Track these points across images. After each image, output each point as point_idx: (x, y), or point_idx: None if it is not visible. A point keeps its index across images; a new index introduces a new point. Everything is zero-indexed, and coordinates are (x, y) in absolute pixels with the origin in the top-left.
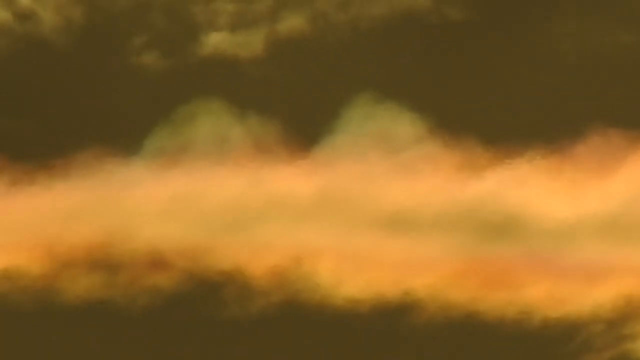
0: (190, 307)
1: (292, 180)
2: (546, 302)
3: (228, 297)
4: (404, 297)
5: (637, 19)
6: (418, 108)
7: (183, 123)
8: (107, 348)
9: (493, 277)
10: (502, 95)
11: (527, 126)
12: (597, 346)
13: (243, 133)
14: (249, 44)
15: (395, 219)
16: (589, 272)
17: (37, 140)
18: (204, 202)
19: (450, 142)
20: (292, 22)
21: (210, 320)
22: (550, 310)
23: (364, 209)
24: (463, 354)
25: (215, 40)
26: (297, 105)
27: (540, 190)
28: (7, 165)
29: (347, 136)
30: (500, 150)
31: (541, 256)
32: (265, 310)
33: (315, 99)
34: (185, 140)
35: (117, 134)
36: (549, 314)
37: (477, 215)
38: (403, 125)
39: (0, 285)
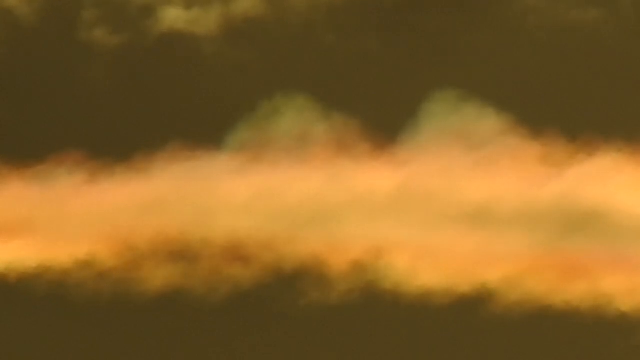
0: (268, 299)
1: (372, 176)
2: (623, 294)
3: (306, 290)
4: (480, 289)
5: None
6: (500, 103)
7: (266, 118)
8: (185, 338)
9: (570, 269)
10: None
11: (608, 121)
12: None
13: (325, 129)
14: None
15: (476, 213)
16: None
17: (118, 135)
18: (285, 196)
19: (531, 137)
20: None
21: (288, 311)
22: (626, 302)
23: (444, 203)
24: (538, 345)
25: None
26: (379, 102)
27: (620, 185)
28: (86, 160)
29: (428, 132)
30: (581, 144)
31: (619, 249)
32: (342, 302)
33: (397, 95)
34: (267, 136)
35: (201, 128)
36: (625, 305)
37: (557, 209)
38: (484, 120)
39: (80, 275)
